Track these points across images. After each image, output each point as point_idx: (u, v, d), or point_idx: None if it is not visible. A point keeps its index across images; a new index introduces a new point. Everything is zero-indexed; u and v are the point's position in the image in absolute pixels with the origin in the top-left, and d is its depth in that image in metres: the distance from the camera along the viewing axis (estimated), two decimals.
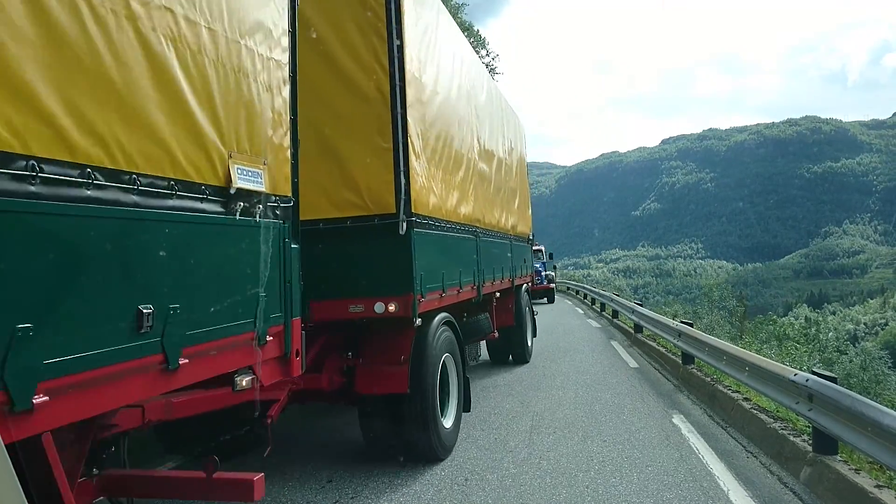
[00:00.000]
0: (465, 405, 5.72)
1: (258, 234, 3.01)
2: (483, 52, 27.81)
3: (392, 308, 4.57)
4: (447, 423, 5.37)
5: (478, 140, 7.34)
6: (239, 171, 2.82)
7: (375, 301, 4.59)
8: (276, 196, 3.19)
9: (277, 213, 3.21)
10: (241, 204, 2.85)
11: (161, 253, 2.33)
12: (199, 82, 2.56)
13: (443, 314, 5.42)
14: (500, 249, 8.48)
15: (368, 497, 4.52)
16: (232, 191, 2.77)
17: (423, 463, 5.10)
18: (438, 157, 5.53)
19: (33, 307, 1.78)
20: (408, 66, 4.76)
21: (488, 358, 10.25)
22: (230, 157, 2.77)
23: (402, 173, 4.64)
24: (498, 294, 8.35)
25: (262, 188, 3.03)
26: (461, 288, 6.09)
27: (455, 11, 25.46)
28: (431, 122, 5.37)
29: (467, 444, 5.78)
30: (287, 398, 4.15)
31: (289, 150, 3.37)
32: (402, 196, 4.61)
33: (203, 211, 2.60)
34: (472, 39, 26.03)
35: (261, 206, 3.01)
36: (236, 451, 4.61)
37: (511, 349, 10.19)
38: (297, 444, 5.99)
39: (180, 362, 2.38)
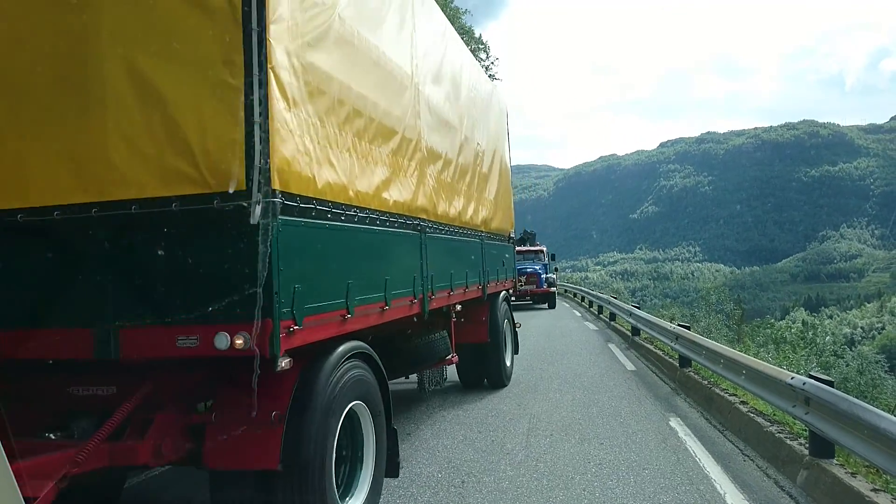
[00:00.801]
0: (389, 469, 4.14)
1: None
2: (483, 56, 27.83)
3: (240, 342, 2.90)
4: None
5: (427, 103, 5.55)
6: None
7: (216, 330, 2.93)
8: None
9: None
10: None
11: None
12: None
13: (351, 344, 3.79)
14: (463, 249, 6.79)
15: None
16: None
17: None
18: (345, 113, 3.82)
19: None
20: None
21: (458, 380, 8.69)
22: None
23: (258, 128, 2.93)
24: (459, 307, 6.77)
25: None
26: (387, 304, 4.37)
27: (454, 15, 25.49)
28: (326, 57, 3.59)
29: (464, 447, 5.78)
30: (55, 491, 2.72)
31: None
32: (258, 164, 2.93)
33: None
34: (473, 44, 26.07)
35: None
36: None
37: (486, 371, 8.42)
38: None
39: None
